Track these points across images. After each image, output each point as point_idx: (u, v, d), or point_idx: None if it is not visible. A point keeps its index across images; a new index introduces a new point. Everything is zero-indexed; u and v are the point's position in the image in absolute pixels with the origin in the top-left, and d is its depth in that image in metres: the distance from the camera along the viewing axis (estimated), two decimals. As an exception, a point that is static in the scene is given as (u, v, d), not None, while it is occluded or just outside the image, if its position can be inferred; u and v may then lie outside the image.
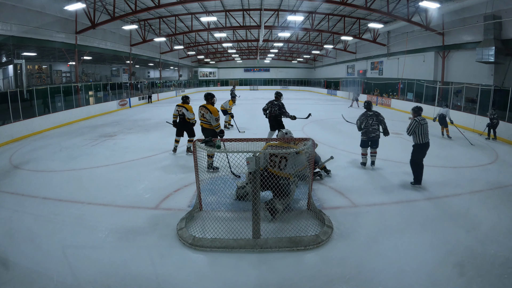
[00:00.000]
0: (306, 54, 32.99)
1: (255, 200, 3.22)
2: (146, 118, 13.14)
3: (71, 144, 8.14)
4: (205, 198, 4.05)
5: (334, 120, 11.55)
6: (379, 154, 6.07)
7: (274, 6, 17.21)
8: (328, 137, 8.95)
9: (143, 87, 22.46)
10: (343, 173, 5.57)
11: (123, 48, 19.10)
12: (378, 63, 22.26)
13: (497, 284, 2.63)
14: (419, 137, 4.79)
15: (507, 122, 9.03)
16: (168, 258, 3.01)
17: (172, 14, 18.31)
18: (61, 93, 12.15)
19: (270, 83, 40.30)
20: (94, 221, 3.73)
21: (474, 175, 5.60)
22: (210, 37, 25.68)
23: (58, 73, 21.12)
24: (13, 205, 4.24)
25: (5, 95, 9.12)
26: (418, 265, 2.88)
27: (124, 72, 25.58)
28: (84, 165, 6.18)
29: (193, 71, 39.70)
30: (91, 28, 13.92)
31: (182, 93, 30.11)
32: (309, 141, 3.78)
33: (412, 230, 3.56)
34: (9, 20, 10.35)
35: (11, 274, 2.76)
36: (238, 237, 3.27)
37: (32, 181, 5.22)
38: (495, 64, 11.62)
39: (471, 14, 12.33)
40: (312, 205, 3.95)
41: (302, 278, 2.72)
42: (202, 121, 5.74)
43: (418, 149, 4.87)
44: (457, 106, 12.67)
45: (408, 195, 4.59)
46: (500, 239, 3.33)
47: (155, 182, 5.12)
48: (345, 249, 3.16)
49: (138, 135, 9.38)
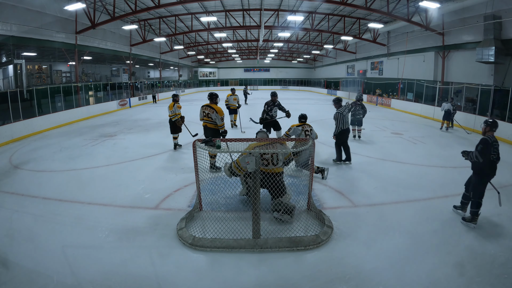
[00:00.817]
0: (306, 54, 33.00)
1: (255, 200, 3.22)
2: (146, 118, 13.15)
3: (71, 144, 8.14)
4: (205, 198, 4.05)
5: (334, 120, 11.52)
6: (379, 154, 6.58)
7: (274, 6, 17.21)
8: (328, 137, 8.93)
9: (143, 87, 22.42)
10: (343, 173, 5.57)
11: (123, 48, 19.10)
12: (378, 63, 22.27)
13: (497, 284, 2.63)
14: (341, 125, 5.97)
15: (507, 122, 9.02)
16: (168, 258, 3.02)
17: (172, 14, 18.31)
18: (61, 93, 12.15)
19: (270, 83, 40.31)
20: (94, 221, 3.73)
21: (474, 175, 5.59)
22: (210, 37, 25.68)
23: (58, 73, 21.13)
24: (13, 205, 4.24)
25: (5, 95, 9.12)
26: (418, 265, 2.88)
27: (124, 72, 25.58)
28: (84, 165, 6.18)
29: (193, 71, 39.71)
30: (91, 28, 13.92)
31: (182, 93, 30.16)
32: (309, 141, 3.78)
33: (412, 230, 3.56)
34: (9, 20, 10.35)
35: (11, 274, 2.76)
36: (238, 237, 3.27)
37: (32, 181, 5.23)
38: (495, 64, 11.62)
39: (471, 14, 12.32)
40: (312, 205, 3.95)
41: (302, 278, 2.72)
42: (206, 120, 5.66)
43: (341, 135, 6.04)
44: (457, 106, 12.66)
45: (408, 195, 4.59)
46: (500, 239, 3.34)
47: (155, 182, 5.12)
48: (345, 249, 3.16)
49: (138, 135, 9.38)
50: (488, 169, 3.64)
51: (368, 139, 8.61)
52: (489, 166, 3.62)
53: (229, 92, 10.29)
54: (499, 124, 9.17)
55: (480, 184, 3.68)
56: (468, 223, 3.66)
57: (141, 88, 22.13)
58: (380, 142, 8.32)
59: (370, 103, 20.38)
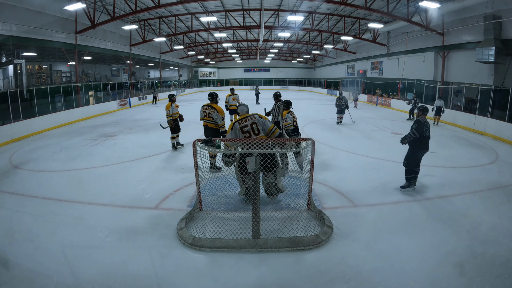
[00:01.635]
0: (306, 54, 32.98)
1: (255, 200, 3.22)
2: (146, 118, 13.14)
3: (71, 144, 8.14)
4: (205, 198, 4.05)
5: (334, 120, 11.54)
6: (379, 153, 6.71)
7: (274, 6, 17.20)
8: (328, 137, 8.95)
9: (143, 87, 22.38)
10: (343, 173, 5.57)
11: (123, 48, 19.09)
12: (378, 63, 22.26)
13: (497, 284, 2.63)
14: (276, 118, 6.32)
15: (507, 122, 9.02)
16: (168, 258, 3.02)
17: (172, 14, 18.30)
18: (61, 93, 12.14)
19: (270, 83, 40.26)
20: (94, 221, 3.73)
21: (474, 175, 5.60)
22: (210, 37, 25.67)
23: (58, 73, 21.12)
24: (13, 205, 4.24)
25: (5, 95, 9.12)
26: (418, 265, 2.88)
27: (124, 72, 25.56)
28: (84, 165, 6.18)
29: (193, 71, 39.69)
30: (91, 28, 13.91)
31: (182, 93, 30.16)
32: (309, 141, 3.78)
33: (412, 230, 3.56)
34: (9, 20, 10.34)
35: (11, 274, 2.76)
36: (238, 237, 3.27)
37: (32, 181, 5.23)
38: (495, 64, 11.61)
39: (471, 14, 12.31)
40: (312, 205, 3.96)
41: (302, 278, 2.72)
42: (207, 120, 5.67)
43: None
44: (457, 106, 12.67)
45: (408, 195, 4.59)
46: (500, 239, 3.33)
47: (155, 182, 5.12)
48: (345, 249, 3.16)
49: (138, 135, 9.38)
50: (421, 143, 4.57)
51: (368, 139, 8.61)
52: (423, 141, 4.55)
53: (229, 92, 10.27)
54: (499, 124, 9.22)
55: (415, 154, 4.62)
56: (407, 189, 4.64)
57: (141, 88, 22.10)
58: (380, 142, 8.32)
59: (370, 103, 20.38)
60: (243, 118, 4.12)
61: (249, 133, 4.03)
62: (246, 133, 4.03)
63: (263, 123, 4.11)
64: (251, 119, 4.08)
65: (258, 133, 4.04)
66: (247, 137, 4.00)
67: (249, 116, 4.14)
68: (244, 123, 4.06)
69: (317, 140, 6.89)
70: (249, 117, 4.11)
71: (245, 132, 4.03)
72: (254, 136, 4.00)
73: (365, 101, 21.42)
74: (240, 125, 4.06)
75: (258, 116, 4.16)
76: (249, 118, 4.09)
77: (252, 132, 4.03)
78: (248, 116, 4.13)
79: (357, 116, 12.81)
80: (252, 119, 4.08)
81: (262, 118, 4.15)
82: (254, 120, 4.07)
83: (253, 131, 4.03)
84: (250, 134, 4.01)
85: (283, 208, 4.05)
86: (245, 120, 4.09)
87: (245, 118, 4.11)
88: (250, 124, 4.05)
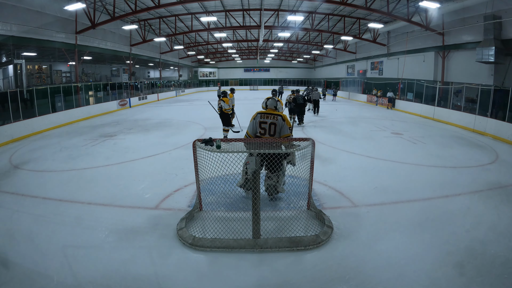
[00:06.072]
0: (306, 54, 32.97)
1: (255, 200, 3.22)
2: (146, 118, 13.14)
3: (71, 144, 8.14)
4: (205, 198, 4.05)
5: (334, 120, 11.54)
6: (379, 153, 6.76)
7: (274, 6, 17.20)
8: (328, 137, 8.95)
9: (143, 87, 22.35)
10: (343, 173, 5.56)
11: (123, 48, 19.09)
12: (378, 63, 22.26)
13: (497, 284, 2.63)
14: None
15: (507, 122, 9.02)
16: (168, 258, 3.02)
17: (172, 14, 18.30)
18: (61, 93, 12.13)
19: (270, 83, 40.24)
20: (94, 221, 3.73)
21: (474, 175, 5.59)
22: (210, 37, 25.67)
23: (58, 73, 21.09)
24: (13, 205, 4.24)
25: (5, 95, 9.11)
26: (418, 265, 2.88)
27: (124, 72, 25.53)
28: (84, 165, 6.18)
29: (193, 71, 39.67)
30: (91, 28, 13.91)
31: (182, 93, 30.16)
32: (309, 141, 3.78)
33: (412, 230, 3.56)
34: (9, 20, 10.34)
35: (11, 274, 2.76)
36: (238, 237, 3.27)
37: (32, 181, 5.22)
38: (495, 64, 11.61)
39: (471, 14, 12.31)
40: (312, 205, 3.96)
41: (302, 278, 2.72)
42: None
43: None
44: (457, 106, 12.66)
45: (408, 195, 4.59)
46: (500, 239, 3.33)
47: (155, 182, 5.12)
48: (345, 249, 3.16)
49: (138, 135, 9.37)
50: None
51: (368, 139, 8.61)
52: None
53: (229, 93, 10.25)
54: (499, 124, 9.18)
55: None
56: None
57: (141, 88, 22.09)
58: (380, 142, 8.32)
59: (370, 103, 20.38)
60: (267, 114, 4.05)
61: (265, 130, 3.98)
62: (262, 129, 3.99)
63: (281, 127, 4.02)
64: (273, 118, 4.00)
65: (274, 134, 3.98)
66: (261, 133, 3.98)
67: (274, 115, 4.05)
68: (265, 119, 4.01)
69: (317, 140, 6.89)
70: (273, 115, 4.03)
71: (261, 128, 3.99)
72: (268, 135, 3.95)
73: (365, 101, 21.45)
74: (261, 118, 4.00)
75: (282, 118, 4.05)
76: (272, 117, 4.01)
77: (268, 131, 3.98)
78: (272, 115, 4.05)
79: (357, 116, 12.81)
80: (273, 119, 4.00)
81: (284, 122, 4.07)
82: (275, 121, 4.00)
83: (269, 130, 3.98)
84: (265, 132, 3.97)
85: (283, 208, 4.05)
86: (268, 117, 4.03)
87: (268, 115, 4.04)
88: (269, 123, 3.98)
